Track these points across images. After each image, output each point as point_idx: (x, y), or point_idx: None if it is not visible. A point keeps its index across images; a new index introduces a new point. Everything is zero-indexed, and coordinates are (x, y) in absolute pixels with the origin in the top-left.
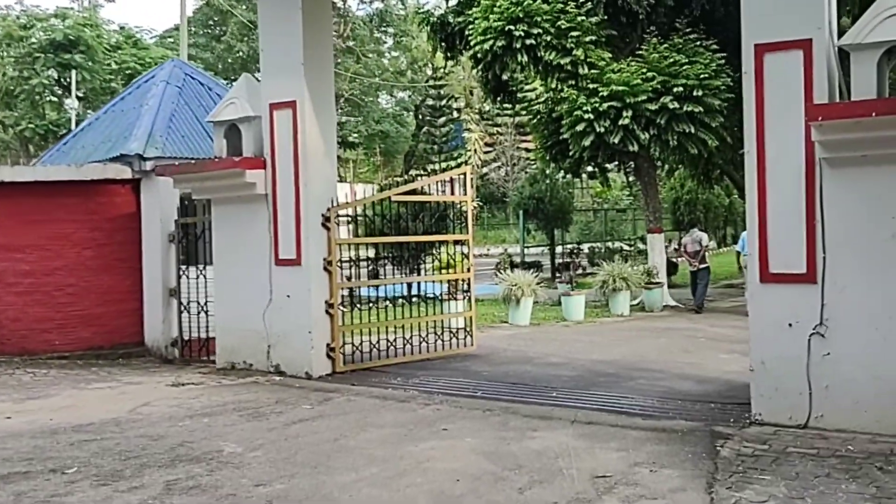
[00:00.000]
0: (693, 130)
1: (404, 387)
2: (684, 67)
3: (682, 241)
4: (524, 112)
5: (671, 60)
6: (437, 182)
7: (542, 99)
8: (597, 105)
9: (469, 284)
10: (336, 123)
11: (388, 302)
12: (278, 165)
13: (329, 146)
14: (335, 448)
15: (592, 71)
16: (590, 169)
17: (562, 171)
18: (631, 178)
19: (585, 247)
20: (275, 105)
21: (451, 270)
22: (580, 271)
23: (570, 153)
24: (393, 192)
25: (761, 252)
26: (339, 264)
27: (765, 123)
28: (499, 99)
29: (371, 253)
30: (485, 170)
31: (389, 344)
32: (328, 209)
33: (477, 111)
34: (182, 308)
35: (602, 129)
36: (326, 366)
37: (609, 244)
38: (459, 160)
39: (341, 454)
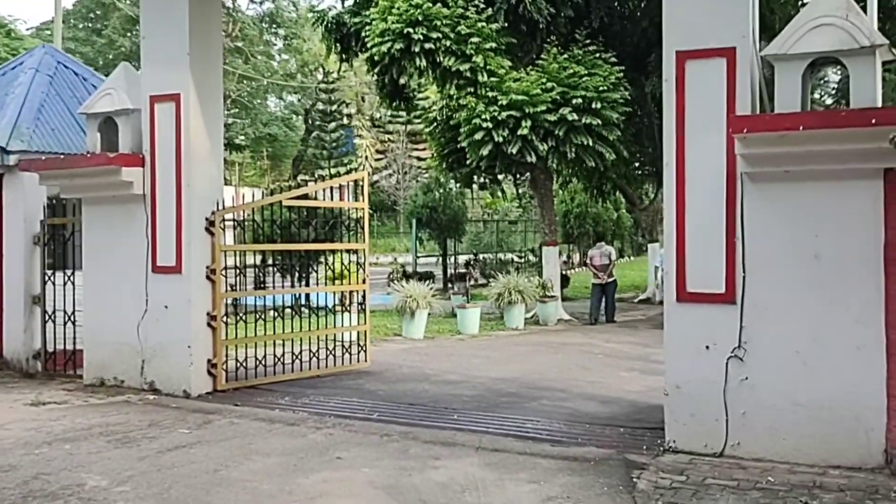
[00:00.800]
0: (591, 143)
1: (293, 408)
2: (583, 79)
3: (590, 253)
4: (420, 119)
5: (570, 71)
6: (330, 188)
7: (440, 106)
8: (496, 114)
9: (364, 296)
10: (223, 121)
11: (275, 313)
12: (158, 163)
13: (215, 144)
14: (215, 481)
15: (492, 79)
16: (482, 180)
17: (455, 181)
18: (521, 190)
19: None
20: (156, 97)
21: (344, 281)
22: (472, 283)
23: (468, 162)
24: (284, 197)
25: (679, 269)
26: (223, 272)
27: (685, 134)
28: (394, 104)
29: (257, 260)
30: (376, 177)
31: (277, 360)
32: (213, 212)
33: (368, 118)
34: (47, 317)
35: (500, 139)
36: (207, 383)
37: (500, 256)
38: (350, 166)
39: (222, 488)
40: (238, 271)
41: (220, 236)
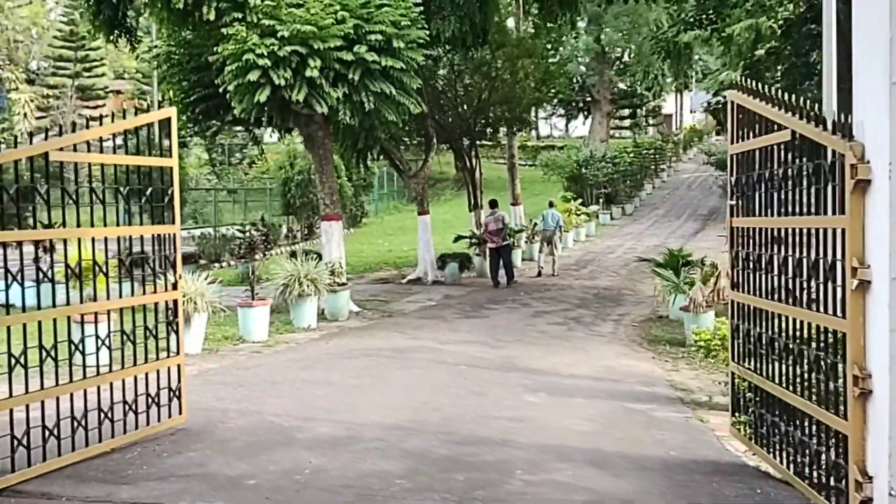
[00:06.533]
0: (392, 91)
1: None
2: (382, 10)
3: (485, 220)
4: (150, 55)
5: (364, 0)
6: (124, 133)
7: (178, 39)
8: (275, 48)
9: (176, 310)
10: None
11: (43, 352)
12: None
13: None
14: None
15: (267, 2)
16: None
17: (200, 136)
18: (213, 155)
19: (196, 233)
20: None
21: (86, 280)
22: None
23: (234, 111)
24: (52, 146)
25: None
26: None
27: None
28: (113, 37)
29: None
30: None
31: (48, 432)
32: None
33: (24, 70)
34: None
35: (282, 81)
36: None
37: (222, 230)
38: (3, 126)
39: None
40: None
41: None
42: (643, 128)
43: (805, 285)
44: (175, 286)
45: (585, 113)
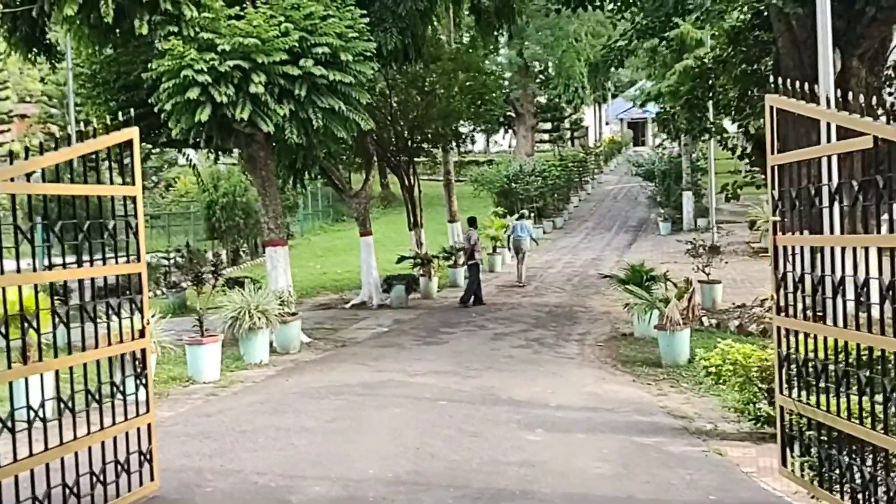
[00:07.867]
0: (342, 108)
1: None
2: (327, 22)
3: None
4: (74, 74)
5: (307, 11)
6: (82, 158)
7: (105, 56)
8: (215, 63)
9: (145, 361)
10: None
11: None
12: None
13: None
14: None
15: (204, 15)
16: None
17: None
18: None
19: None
20: None
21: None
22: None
23: (173, 133)
24: (2, 176)
25: None
26: None
27: None
28: (31, 55)
29: None
30: None
31: None
32: None
33: None
34: None
35: (224, 99)
36: None
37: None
38: None
39: None
40: None
41: None
42: (565, 140)
43: None
44: (143, 333)
45: (506, 127)
